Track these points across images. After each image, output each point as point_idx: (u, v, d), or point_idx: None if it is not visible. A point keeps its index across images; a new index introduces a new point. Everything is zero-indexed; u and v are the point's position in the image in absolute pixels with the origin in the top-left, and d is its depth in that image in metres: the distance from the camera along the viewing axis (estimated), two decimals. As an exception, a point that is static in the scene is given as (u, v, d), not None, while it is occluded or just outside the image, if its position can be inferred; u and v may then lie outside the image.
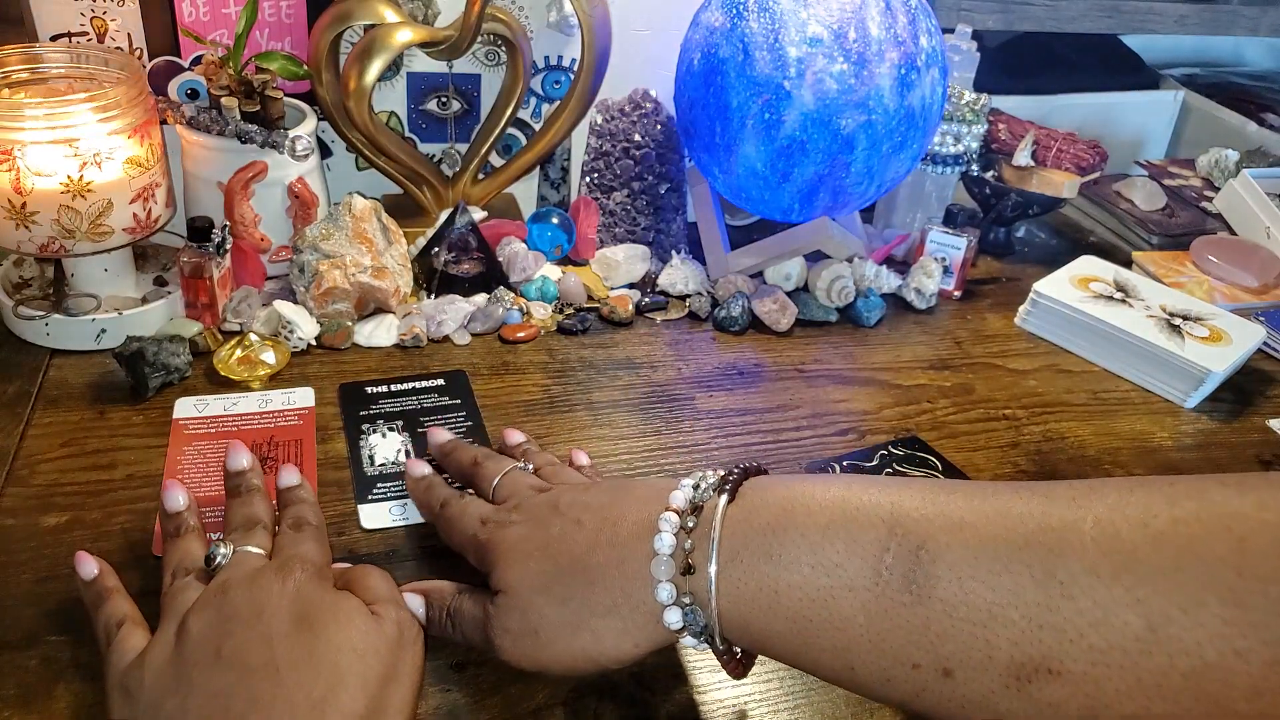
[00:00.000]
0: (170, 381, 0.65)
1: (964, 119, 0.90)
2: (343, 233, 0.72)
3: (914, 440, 0.67)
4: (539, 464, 0.54)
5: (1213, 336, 0.77)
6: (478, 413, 0.66)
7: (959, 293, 0.88)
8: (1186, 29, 1.16)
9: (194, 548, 0.47)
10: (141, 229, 0.67)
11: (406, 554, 0.54)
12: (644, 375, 0.72)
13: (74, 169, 0.62)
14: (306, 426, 0.63)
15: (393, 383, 0.68)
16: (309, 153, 0.74)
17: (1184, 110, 1.21)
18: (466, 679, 0.47)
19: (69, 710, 0.44)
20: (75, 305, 0.68)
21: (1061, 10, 1.09)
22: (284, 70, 0.75)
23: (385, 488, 0.59)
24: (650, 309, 0.80)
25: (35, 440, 0.60)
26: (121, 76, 0.66)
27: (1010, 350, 0.81)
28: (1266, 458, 0.70)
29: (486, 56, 0.86)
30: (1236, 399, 0.77)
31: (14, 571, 0.51)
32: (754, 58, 0.71)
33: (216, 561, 0.44)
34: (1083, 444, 0.69)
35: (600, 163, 0.83)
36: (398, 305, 0.75)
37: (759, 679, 0.48)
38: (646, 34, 0.87)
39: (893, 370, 0.76)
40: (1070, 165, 0.99)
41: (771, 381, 0.73)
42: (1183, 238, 0.97)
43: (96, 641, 0.44)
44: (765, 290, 0.81)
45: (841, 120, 0.71)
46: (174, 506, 0.49)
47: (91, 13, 0.74)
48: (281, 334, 0.70)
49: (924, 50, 0.72)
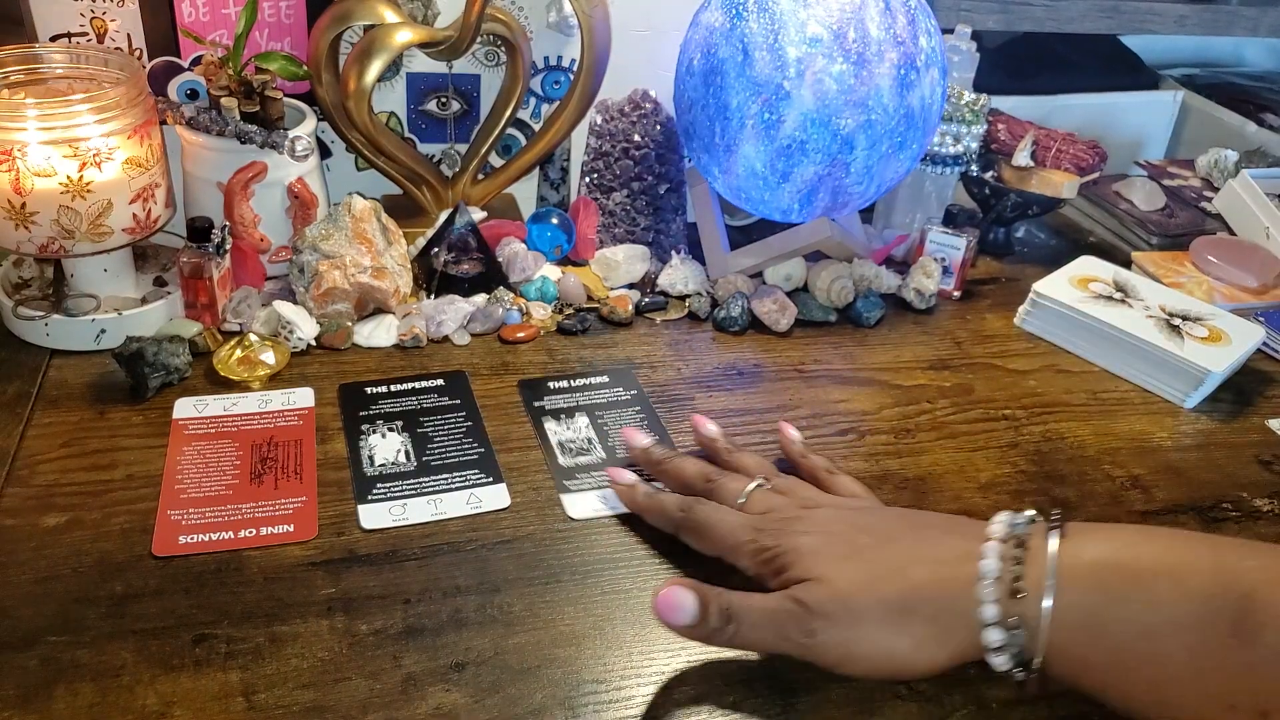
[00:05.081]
0: (170, 382, 0.65)
1: (964, 119, 0.90)
2: (342, 233, 0.72)
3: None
4: (777, 486, 0.54)
5: (1212, 337, 0.77)
6: (478, 413, 0.66)
7: (958, 293, 0.88)
8: (1186, 29, 1.16)
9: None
10: (141, 229, 0.67)
11: (407, 554, 0.54)
12: (644, 375, 0.72)
13: (74, 169, 0.62)
14: (306, 426, 0.63)
15: (392, 383, 0.68)
16: (309, 153, 0.74)
17: (1183, 110, 1.21)
18: (466, 679, 0.47)
19: (69, 710, 0.44)
20: (75, 305, 0.68)
21: (1061, 10, 1.09)
22: (284, 70, 0.75)
23: (385, 488, 0.59)
24: (650, 309, 0.80)
25: (35, 440, 0.60)
26: (121, 77, 0.67)
27: (1010, 350, 0.81)
28: (1266, 458, 0.70)
29: (486, 57, 0.86)
30: (1236, 399, 0.77)
31: (14, 571, 0.51)
32: (754, 58, 0.71)
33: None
34: (1082, 444, 0.69)
35: (600, 163, 0.83)
36: (397, 305, 0.75)
37: (754, 682, 0.48)
38: (646, 34, 0.87)
39: (892, 370, 0.76)
40: (1070, 165, 0.99)
41: (771, 382, 0.73)
42: (1182, 238, 0.97)
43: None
44: (765, 290, 0.81)
45: (841, 120, 0.71)
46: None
47: (91, 13, 0.74)
48: (281, 334, 0.70)
49: (924, 50, 0.72)
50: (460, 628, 0.50)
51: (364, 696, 0.46)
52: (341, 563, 0.53)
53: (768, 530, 0.49)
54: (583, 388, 0.70)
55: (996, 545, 0.43)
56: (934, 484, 0.64)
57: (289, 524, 0.55)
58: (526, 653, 0.49)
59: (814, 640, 0.44)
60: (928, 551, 0.45)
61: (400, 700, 0.46)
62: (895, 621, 0.43)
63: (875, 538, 0.47)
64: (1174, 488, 0.66)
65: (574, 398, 0.69)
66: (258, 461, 0.60)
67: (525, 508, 0.58)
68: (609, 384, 0.70)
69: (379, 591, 0.52)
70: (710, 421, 0.61)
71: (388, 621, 0.50)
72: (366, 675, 0.47)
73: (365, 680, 0.46)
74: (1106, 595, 0.40)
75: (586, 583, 0.53)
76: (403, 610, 0.50)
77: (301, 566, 0.53)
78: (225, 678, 0.46)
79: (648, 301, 0.80)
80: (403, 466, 0.60)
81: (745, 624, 0.45)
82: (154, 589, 0.50)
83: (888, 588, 0.44)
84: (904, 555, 0.45)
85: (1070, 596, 0.41)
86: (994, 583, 0.42)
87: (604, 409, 0.68)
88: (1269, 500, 0.65)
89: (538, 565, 0.54)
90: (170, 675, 0.46)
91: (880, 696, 0.47)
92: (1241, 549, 0.41)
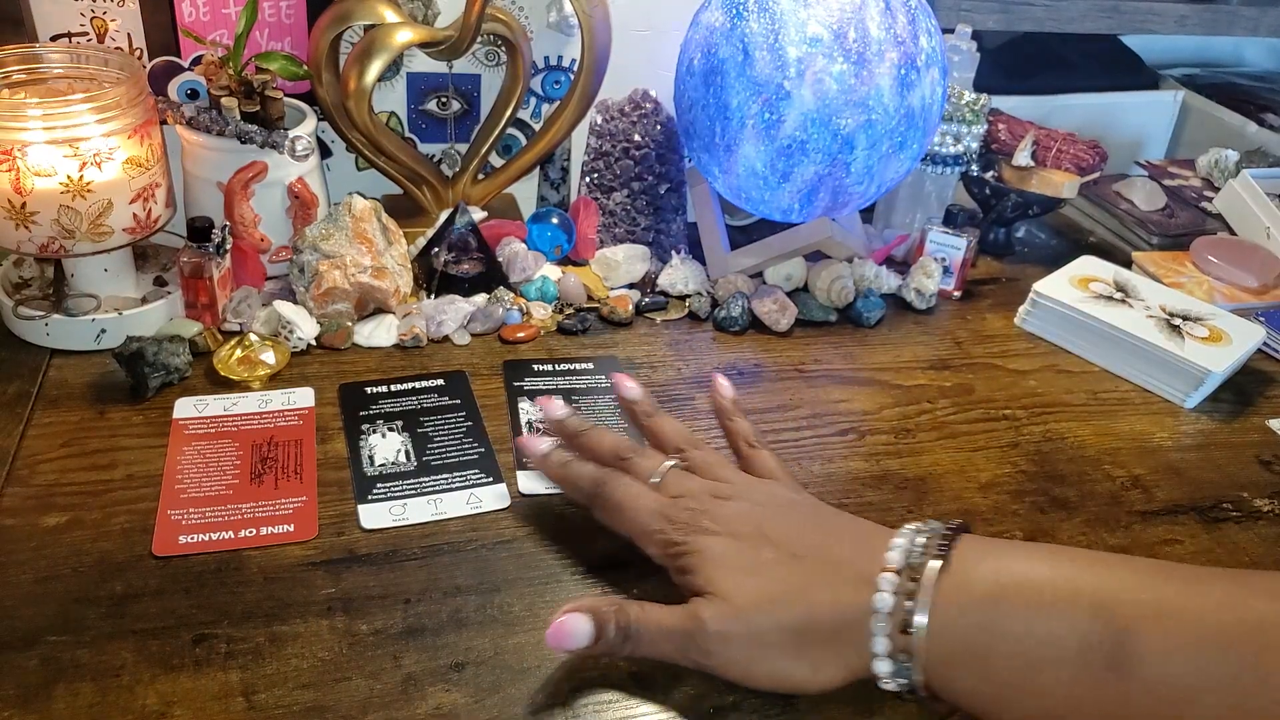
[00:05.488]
0: (170, 381, 0.65)
1: (964, 119, 0.90)
2: (343, 233, 0.72)
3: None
4: (693, 463, 0.54)
5: (1212, 337, 0.77)
6: (478, 413, 0.66)
7: (959, 293, 0.88)
8: (1186, 29, 1.16)
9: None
10: (141, 229, 0.67)
11: (407, 554, 0.54)
12: (644, 375, 0.72)
13: (74, 169, 0.62)
14: (306, 426, 0.63)
15: (393, 383, 0.68)
16: (309, 153, 0.74)
17: (1184, 110, 1.21)
18: (466, 679, 0.47)
19: (69, 710, 0.44)
20: (75, 305, 0.68)
21: (1061, 10, 1.09)
22: (284, 70, 0.75)
23: (385, 488, 0.59)
24: (650, 309, 0.80)
25: (35, 440, 0.60)
26: (121, 77, 0.66)
27: (1010, 350, 0.81)
28: (1266, 458, 0.70)
29: (486, 56, 0.86)
30: (1236, 399, 0.77)
31: (14, 571, 0.51)
32: (754, 58, 0.71)
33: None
34: (1082, 444, 0.69)
35: (600, 163, 0.83)
36: (397, 305, 0.75)
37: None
38: (646, 34, 0.87)
39: (893, 370, 0.76)
40: (1070, 165, 0.99)
41: (771, 382, 0.73)
42: (1182, 238, 0.97)
43: None
44: (765, 290, 0.81)
45: (841, 120, 0.71)
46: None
47: (91, 13, 0.74)
48: (281, 334, 0.70)
49: (924, 50, 0.72)
50: (460, 628, 0.50)
51: (364, 696, 0.46)
52: (341, 563, 0.53)
53: (677, 522, 0.49)
54: (566, 373, 0.71)
55: (892, 578, 0.44)
56: (934, 484, 0.64)
57: (289, 524, 0.55)
58: (526, 653, 0.49)
59: (711, 660, 0.45)
60: (828, 575, 0.45)
61: (400, 700, 0.46)
62: (793, 644, 0.44)
63: (779, 552, 0.47)
64: (1174, 488, 0.66)
65: (553, 381, 0.70)
66: (258, 461, 0.60)
67: (525, 507, 0.58)
68: (593, 370, 0.72)
69: (379, 591, 0.52)
70: (632, 381, 0.59)
71: (388, 621, 0.50)
72: (366, 675, 0.47)
73: (365, 680, 0.47)
74: (989, 633, 0.41)
75: (586, 582, 0.53)
76: (403, 610, 0.50)
77: (301, 566, 0.53)
78: (225, 678, 0.46)
79: (648, 301, 0.80)
80: (403, 466, 0.60)
81: (644, 641, 0.46)
82: (154, 589, 0.50)
83: (786, 612, 0.45)
84: (805, 576, 0.46)
85: (955, 632, 0.42)
86: (886, 617, 0.43)
87: (582, 394, 0.68)
88: (1269, 500, 0.65)
89: (538, 565, 0.54)
90: (170, 675, 0.46)
91: (880, 696, 0.47)
92: (1125, 576, 0.42)
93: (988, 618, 0.42)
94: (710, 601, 0.45)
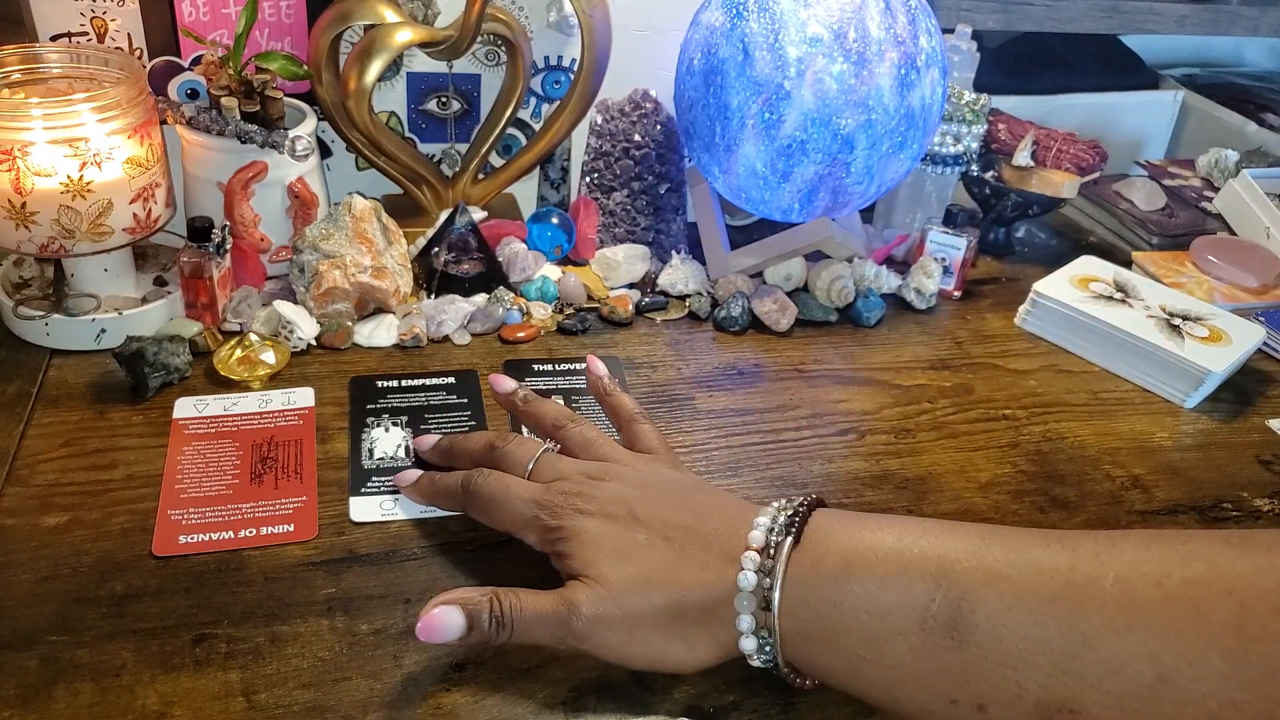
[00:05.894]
0: (170, 381, 0.65)
1: (964, 119, 0.90)
2: (343, 233, 0.72)
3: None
4: (570, 440, 0.54)
5: (1212, 336, 0.77)
6: (483, 413, 0.66)
7: (959, 293, 0.88)
8: (1186, 29, 1.16)
9: None
10: (141, 229, 0.67)
11: (407, 554, 0.54)
12: (644, 375, 0.72)
13: (74, 169, 0.62)
14: (306, 426, 0.63)
15: (404, 378, 0.68)
16: (309, 153, 0.74)
17: (1184, 110, 1.21)
18: (466, 679, 0.47)
19: (69, 710, 0.44)
20: (75, 305, 0.68)
21: (1061, 10, 1.09)
22: (284, 70, 0.75)
23: (379, 482, 0.59)
24: (650, 309, 0.80)
25: (35, 440, 0.60)
26: (121, 76, 0.66)
27: (1010, 350, 0.81)
28: (1266, 458, 0.70)
29: (486, 56, 0.86)
30: (1236, 399, 0.77)
31: (14, 571, 0.51)
32: (754, 58, 0.71)
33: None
34: (1082, 444, 0.69)
35: (600, 163, 0.83)
36: (398, 305, 0.75)
37: (754, 682, 0.48)
38: (646, 34, 0.87)
39: (893, 370, 0.76)
40: (1070, 165, 0.99)
41: (771, 382, 0.73)
42: (1182, 238, 0.97)
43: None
44: (765, 290, 0.81)
45: (842, 120, 0.71)
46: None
47: (91, 13, 0.74)
48: (281, 334, 0.70)
49: (924, 50, 0.72)
50: (460, 627, 0.50)
51: (364, 696, 0.46)
52: (341, 562, 0.53)
53: (551, 507, 0.49)
54: (566, 372, 0.71)
55: (754, 556, 0.44)
56: (934, 484, 0.64)
57: (289, 524, 0.55)
58: (526, 653, 0.49)
59: (587, 644, 0.45)
60: (698, 555, 0.46)
61: (400, 700, 0.46)
62: (667, 625, 0.45)
63: (651, 534, 0.47)
64: (1174, 488, 0.66)
65: (553, 381, 0.70)
66: (258, 461, 0.60)
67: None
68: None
69: (379, 591, 0.52)
70: (506, 379, 0.60)
71: (388, 621, 0.50)
72: (366, 675, 0.47)
73: (365, 680, 0.47)
74: (838, 608, 0.42)
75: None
76: (403, 610, 0.50)
77: (302, 566, 0.53)
78: (225, 677, 0.46)
79: (648, 301, 0.80)
80: (401, 462, 0.60)
81: (520, 628, 0.45)
82: (154, 589, 0.50)
83: (659, 594, 0.45)
84: (676, 557, 0.46)
85: (808, 609, 0.43)
86: (749, 595, 0.44)
87: (582, 394, 0.68)
88: (1269, 500, 0.65)
89: (537, 565, 0.54)
90: (170, 675, 0.46)
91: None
92: (967, 545, 0.42)
93: (837, 593, 0.42)
94: (586, 584, 0.46)
